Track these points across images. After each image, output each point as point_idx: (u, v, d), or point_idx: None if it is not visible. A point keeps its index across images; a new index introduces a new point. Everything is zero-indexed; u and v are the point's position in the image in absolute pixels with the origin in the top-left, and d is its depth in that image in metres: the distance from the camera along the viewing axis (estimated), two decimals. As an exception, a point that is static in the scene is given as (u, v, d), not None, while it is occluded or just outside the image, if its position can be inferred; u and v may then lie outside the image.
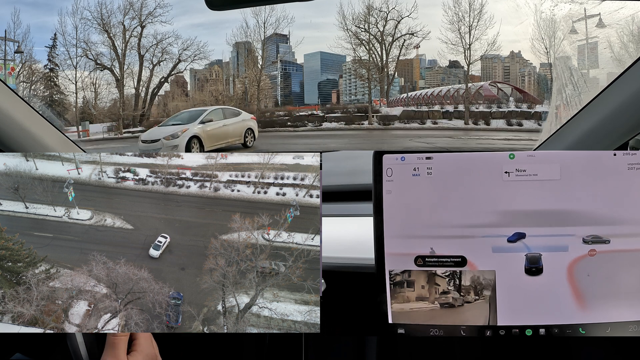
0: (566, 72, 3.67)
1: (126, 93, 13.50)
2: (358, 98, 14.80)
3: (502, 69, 14.17)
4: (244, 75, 14.55)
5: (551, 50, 11.37)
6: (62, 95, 13.21)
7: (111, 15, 12.63)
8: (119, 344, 0.96)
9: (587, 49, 9.81)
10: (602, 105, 1.31)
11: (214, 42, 16.33)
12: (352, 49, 13.70)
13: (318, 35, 16.21)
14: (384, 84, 13.91)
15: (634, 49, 5.14)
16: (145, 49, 13.29)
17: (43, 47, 12.84)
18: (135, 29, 12.97)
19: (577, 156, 1.00)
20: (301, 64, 15.47)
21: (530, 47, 12.47)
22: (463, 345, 1.48)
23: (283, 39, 14.86)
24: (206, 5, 0.92)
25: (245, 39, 14.15)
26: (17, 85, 11.99)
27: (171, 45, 13.38)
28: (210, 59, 14.38)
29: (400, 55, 13.80)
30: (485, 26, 12.41)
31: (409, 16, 13.11)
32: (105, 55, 12.95)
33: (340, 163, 2.16)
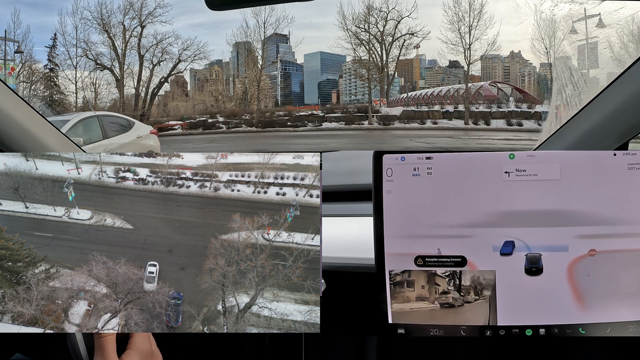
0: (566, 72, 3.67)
1: (126, 93, 13.53)
2: (358, 98, 14.81)
3: (502, 69, 14.19)
4: (244, 75, 14.57)
5: (551, 50, 11.39)
6: (62, 95, 13.23)
7: (111, 15, 12.67)
8: (106, 345, 0.94)
9: (587, 49, 9.82)
10: (602, 105, 1.31)
11: (214, 42, 16.38)
12: (352, 49, 13.75)
13: (318, 35, 16.26)
14: (384, 84, 13.92)
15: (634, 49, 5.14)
16: (145, 49, 13.32)
17: (43, 47, 12.88)
18: (135, 29, 13.01)
19: (577, 156, 1.00)
20: (301, 64, 15.50)
21: (530, 47, 12.51)
22: (463, 345, 1.48)
23: (283, 39, 14.88)
24: (206, 5, 0.92)
25: (245, 39, 14.18)
26: (17, 85, 12.00)
27: (171, 45, 13.42)
28: (210, 59, 14.43)
29: (400, 55, 13.84)
30: (485, 26, 12.45)
31: (409, 16, 13.16)
32: (105, 55, 12.99)
33: (340, 163, 2.16)
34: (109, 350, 0.95)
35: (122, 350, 0.99)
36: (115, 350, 0.96)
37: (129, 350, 0.98)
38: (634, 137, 1.30)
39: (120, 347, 0.99)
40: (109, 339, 0.95)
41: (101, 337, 0.95)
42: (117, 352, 0.97)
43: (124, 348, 0.99)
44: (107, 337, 0.95)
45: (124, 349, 0.99)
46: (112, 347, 0.96)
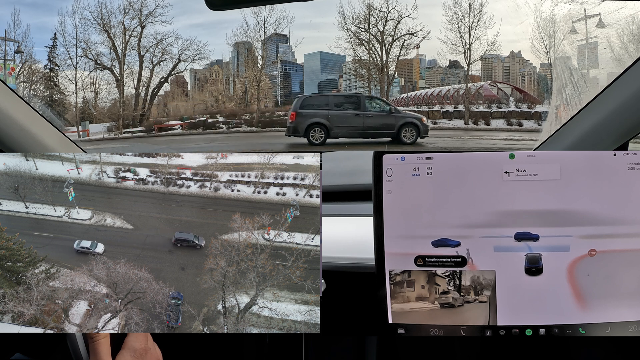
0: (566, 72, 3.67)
1: (126, 93, 13.50)
2: (358, 98, 14.79)
3: (502, 69, 14.18)
4: (244, 75, 14.56)
5: (551, 50, 11.38)
6: (62, 95, 13.22)
7: (111, 15, 12.63)
8: (99, 348, 0.94)
9: (587, 49, 9.81)
10: (602, 105, 1.31)
11: (214, 42, 16.34)
12: (352, 49, 13.70)
13: (318, 35, 16.21)
14: (384, 84, 13.90)
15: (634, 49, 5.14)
16: (145, 49, 13.29)
17: (43, 47, 12.85)
18: (135, 29, 12.98)
19: (577, 156, 1.00)
20: (301, 64, 15.48)
21: (530, 47, 12.48)
22: (463, 345, 1.48)
23: (283, 39, 14.86)
24: (206, 5, 0.91)
25: (245, 39, 14.15)
26: (17, 85, 11.99)
27: (171, 45, 13.38)
28: (210, 59, 14.39)
29: (400, 55, 13.80)
30: (485, 26, 12.41)
31: (409, 16, 13.11)
32: (105, 55, 12.95)
33: (340, 163, 2.16)
34: (102, 352, 0.94)
35: (119, 350, 0.98)
36: (110, 351, 0.95)
37: (123, 350, 0.97)
38: (634, 137, 1.30)
39: (117, 346, 0.99)
40: (102, 342, 0.94)
41: (94, 340, 0.94)
42: (113, 352, 0.97)
43: (119, 347, 0.99)
44: (99, 340, 0.94)
45: (119, 348, 0.98)
46: (106, 349, 0.94)
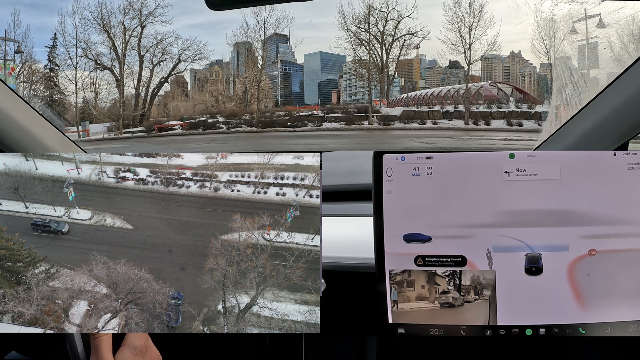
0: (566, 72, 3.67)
1: (126, 93, 13.51)
2: (358, 98, 14.80)
3: (502, 69, 14.18)
4: (244, 75, 14.56)
5: (551, 50, 11.37)
6: (62, 95, 13.22)
7: (111, 15, 12.64)
8: (100, 345, 0.95)
9: (587, 49, 9.81)
10: (602, 105, 1.31)
11: (214, 42, 16.36)
12: (352, 49, 13.71)
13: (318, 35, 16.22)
14: (384, 84, 13.91)
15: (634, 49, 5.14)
16: (145, 49, 13.30)
17: (43, 47, 12.85)
18: (135, 29, 12.98)
19: (577, 156, 1.00)
20: (301, 64, 15.48)
21: (530, 47, 12.48)
22: (463, 345, 1.48)
23: (283, 39, 14.86)
24: (206, 5, 0.91)
25: (245, 39, 14.15)
26: (17, 85, 11.99)
27: (171, 45, 13.39)
28: (210, 59, 14.40)
29: (401, 55, 13.81)
30: (485, 26, 12.42)
31: (409, 16, 13.13)
32: (105, 55, 12.96)
33: (340, 163, 2.16)
34: (104, 350, 0.95)
35: (119, 348, 0.99)
36: (111, 349, 0.96)
37: (123, 347, 0.98)
38: (634, 137, 1.30)
39: (117, 345, 0.99)
40: (103, 339, 0.95)
41: (96, 338, 0.95)
42: (113, 350, 0.97)
43: (119, 346, 0.99)
44: (102, 338, 0.95)
45: (119, 347, 0.99)
46: (108, 347, 0.95)
